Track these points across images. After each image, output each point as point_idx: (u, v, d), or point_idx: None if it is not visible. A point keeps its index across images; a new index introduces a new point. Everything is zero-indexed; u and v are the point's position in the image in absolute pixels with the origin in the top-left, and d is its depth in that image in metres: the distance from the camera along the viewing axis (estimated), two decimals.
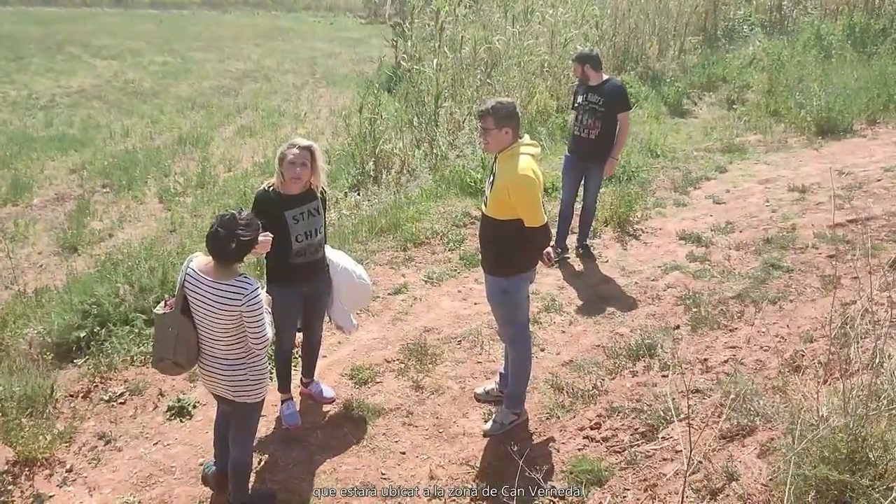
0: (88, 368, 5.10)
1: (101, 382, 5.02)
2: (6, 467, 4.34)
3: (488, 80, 11.17)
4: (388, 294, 6.45)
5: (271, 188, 4.29)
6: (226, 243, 3.45)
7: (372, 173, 9.41)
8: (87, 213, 9.76)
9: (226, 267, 3.53)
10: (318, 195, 4.41)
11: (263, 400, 3.88)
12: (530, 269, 4.49)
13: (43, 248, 8.78)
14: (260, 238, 3.69)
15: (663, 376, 5.03)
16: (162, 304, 3.75)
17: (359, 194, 9.16)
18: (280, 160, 4.23)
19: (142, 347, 5.30)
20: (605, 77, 6.70)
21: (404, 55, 12.09)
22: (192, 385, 5.06)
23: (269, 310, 3.77)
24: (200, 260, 3.64)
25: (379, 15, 40.40)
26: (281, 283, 4.34)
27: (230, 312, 3.49)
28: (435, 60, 10.45)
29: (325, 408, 4.91)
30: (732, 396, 4.25)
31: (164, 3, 53.76)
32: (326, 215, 4.58)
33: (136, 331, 5.39)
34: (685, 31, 15.22)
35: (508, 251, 4.28)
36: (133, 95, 18.71)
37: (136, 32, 33.95)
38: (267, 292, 4.12)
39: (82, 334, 5.28)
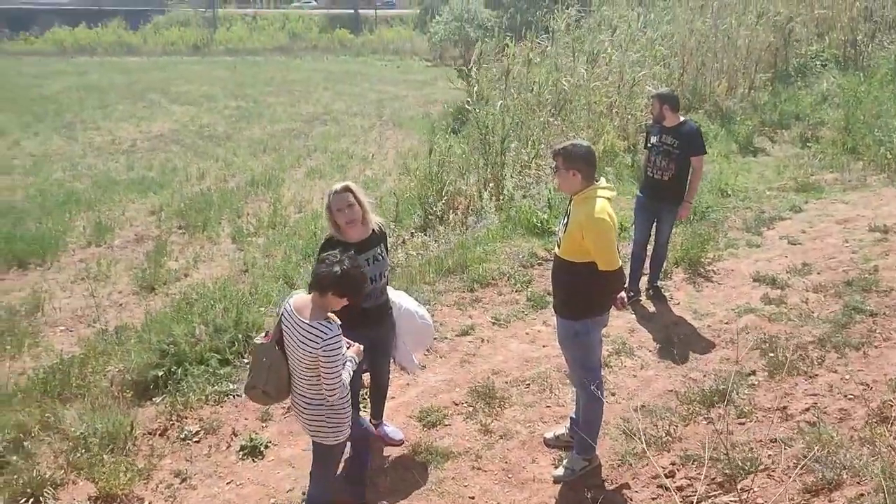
0: (165, 407, 5.24)
1: (178, 420, 5.14)
2: (88, 503, 4.46)
3: (555, 121, 11.19)
4: (456, 335, 6.44)
5: (330, 236, 4.36)
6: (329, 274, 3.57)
7: (439, 214, 9.49)
8: (164, 254, 10.11)
9: (320, 305, 3.61)
10: (379, 236, 4.45)
11: (343, 444, 3.92)
12: (603, 312, 4.43)
13: (123, 288, 9.11)
14: None
15: (740, 424, 4.87)
16: (263, 334, 3.93)
17: (426, 234, 9.23)
18: (328, 212, 4.29)
19: (216, 387, 5.42)
20: (682, 119, 6.62)
21: (470, 97, 12.25)
22: (263, 425, 5.14)
23: (358, 360, 3.85)
24: (299, 297, 3.74)
25: (445, 57, 41.17)
26: (350, 329, 4.39)
27: (309, 353, 3.57)
28: (501, 102, 10.54)
29: (394, 450, 4.91)
30: (816, 447, 4.08)
31: (238, 50, 56.02)
32: (389, 256, 4.63)
33: (211, 370, 5.52)
34: (755, 68, 14.98)
35: (580, 294, 4.25)
36: (208, 139, 19.44)
37: (212, 79, 35.36)
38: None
39: (160, 373, 5.43)
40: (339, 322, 3.70)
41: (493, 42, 12.98)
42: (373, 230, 4.43)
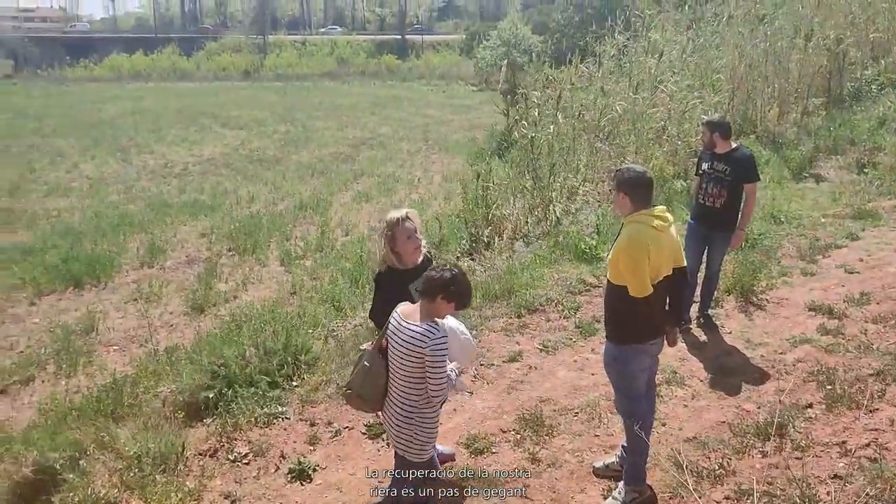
0: (216, 428, 5.30)
1: (227, 442, 5.19)
2: None
3: (603, 146, 11.14)
4: (503, 362, 6.40)
5: (385, 268, 4.36)
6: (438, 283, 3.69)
7: (485, 239, 9.47)
8: (214, 275, 10.30)
9: (428, 311, 3.72)
10: (428, 262, 4.44)
11: (428, 461, 3.97)
12: (646, 341, 4.34)
13: (174, 308, 9.30)
14: None
15: (797, 459, 4.72)
16: (367, 343, 4.09)
17: (472, 259, 9.22)
18: (390, 239, 4.29)
19: (265, 409, 5.47)
20: (734, 145, 6.51)
21: (518, 121, 12.28)
22: (312, 448, 5.16)
23: (456, 380, 3.92)
24: (407, 306, 3.86)
25: (490, 82, 41.44)
26: None
27: (415, 355, 3.64)
28: (552, 126, 10.53)
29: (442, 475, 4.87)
30: (877, 485, 3.93)
31: (288, 75, 57.28)
32: None
33: (260, 392, 5.57)
34: (808, 92, 14.71)
35: (623, 318, 4.25)
36: (258, 163, 19.83)
37: (262, 103, 36.10)
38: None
39: (211, 394, 5.51)
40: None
41: (540, 67, 13.00)
42: (423, 255, 4.46)
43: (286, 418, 5.46)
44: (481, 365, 6.27)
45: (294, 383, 5.85)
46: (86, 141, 24.96)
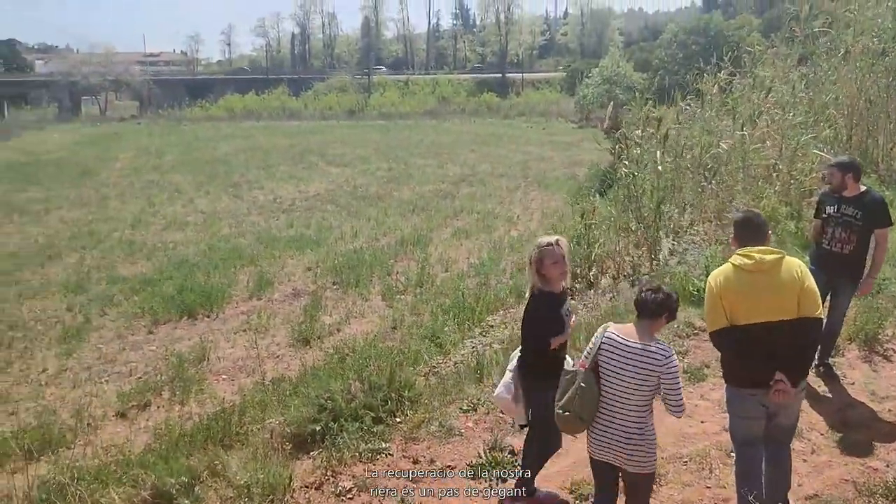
0: (322, 461, 5.38)
1: (333, 476, 5.24)
2: None
3: (709, 185, 10.83)
4: None
5: (538, 291, 4.45)
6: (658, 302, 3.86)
7: (589, 278, 9.33)
8: (318, 308, 10.57)
9: (647, 330, 3.85)
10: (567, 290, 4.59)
11: (654, 475, 4.04)
12: (746, 386, 4.15)
13: (280, 340, 9.59)
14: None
15: None
16: (572, 362, 4.17)
17: (573, 298, 9.10)
18: (539, 262, 4.40)
19: (369, 444, 5.50)
20: (863, 188, 6.14)
21: (621, 159, 12.11)
22: (414, 486, 5.14)
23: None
24: (620, 326, 3.96)
25: (591, 119, 41.25)
26: (544, 378, 4.36)
27: (649, 373, 3.74)
28: (659, 165, 10.33)
29: None
30: None
31: (391, 114, 58.85)
32: None
33: (365, 428, 5.62)
34: None
35: (726, 357, 4.26)
36: (361, 199, 20.35)
37: (366, 141, 37.12)
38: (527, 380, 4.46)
39: (318, 427, 5.60)
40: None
41: (642, 104, 12.83)
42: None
43: (389, 454, 5.48)
44: None
45: (397, 419, 5.88)
46: (201, 177, 26.35)
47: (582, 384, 3.89)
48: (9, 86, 72.73)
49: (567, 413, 3.95)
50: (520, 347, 4.75)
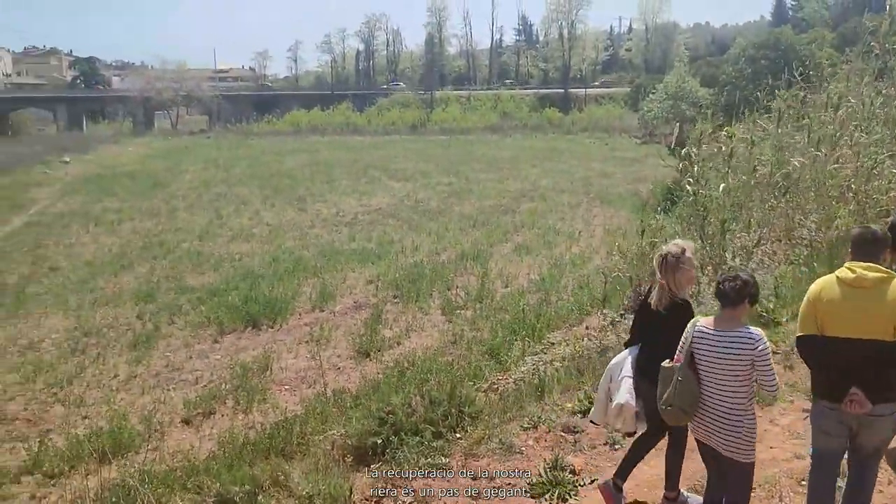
0: (382, 474, 5.40)
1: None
2: None
3: (779, 204, 10.52)
4: None
5: (681, 300, 4.43)
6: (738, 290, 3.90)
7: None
8: (379, 322, 10.66)
9: (733, 317, 3.91)
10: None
11: (753, 464, 4.09)
12: (823, 397, 4.01)
13: (341, 352, 9.70)
14: None
15: None
16: (667, 360, 4.20)
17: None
18: (673, 269, 4.36)
19: (429, 459, 5.50)
20: None
21: (685, 176, 11.88)
22: (473, 502, 5.12)
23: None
24: (706, 318, 4.07)
25: (655, 135, 40.64)
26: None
27: (741, 359, 3.82)
28: (722, 185, 10.10)
29: None
30: None
31: (452, 129, 59.12)
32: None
33: (425, 442, 5.63)
34: None
35: (808, 366, 4.19)
36: (422, 214, 20.48)
37: (427, 156, 37.35)
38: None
39: (379, 440, 5.63)
40: None
41: (709, 120, 12.58)
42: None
43: (448, 470, 5.47)
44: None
45: (457, 435, 5.86)
46: (267, 190, 26.94)
47: (679, 378, 4.01)
48: (88, 101, 75.95)
49: (670, 408, 4.08)
50: (629, 352, 4.76)
